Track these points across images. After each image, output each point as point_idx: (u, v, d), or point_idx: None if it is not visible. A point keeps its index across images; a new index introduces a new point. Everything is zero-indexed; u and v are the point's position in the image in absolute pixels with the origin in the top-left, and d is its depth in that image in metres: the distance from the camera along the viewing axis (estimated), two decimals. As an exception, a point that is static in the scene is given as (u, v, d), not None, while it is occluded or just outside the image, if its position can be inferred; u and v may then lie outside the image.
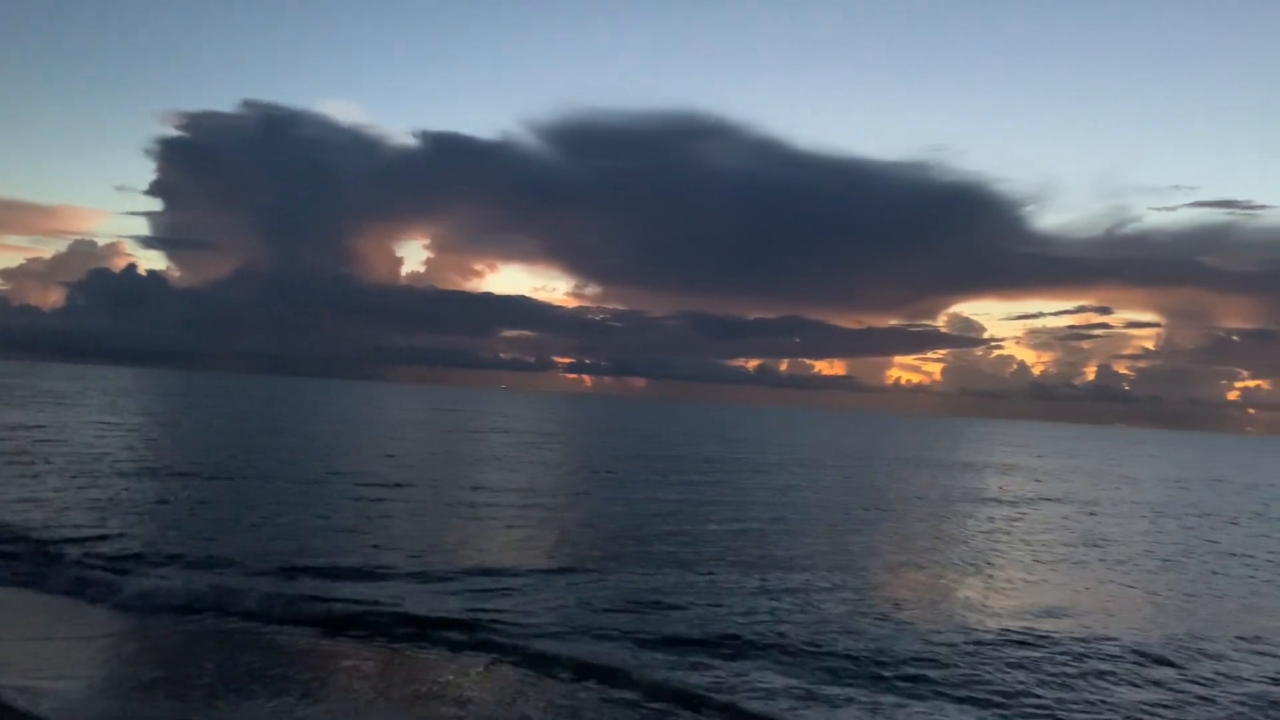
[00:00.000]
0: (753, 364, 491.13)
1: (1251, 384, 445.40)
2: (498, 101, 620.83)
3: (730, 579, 17.97)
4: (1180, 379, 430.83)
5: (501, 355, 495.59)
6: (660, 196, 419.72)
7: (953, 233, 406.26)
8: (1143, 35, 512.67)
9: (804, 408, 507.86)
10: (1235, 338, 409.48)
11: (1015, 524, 30.10)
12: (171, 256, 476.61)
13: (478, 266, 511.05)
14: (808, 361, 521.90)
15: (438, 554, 18.76)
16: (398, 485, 29.00)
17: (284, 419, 66.92)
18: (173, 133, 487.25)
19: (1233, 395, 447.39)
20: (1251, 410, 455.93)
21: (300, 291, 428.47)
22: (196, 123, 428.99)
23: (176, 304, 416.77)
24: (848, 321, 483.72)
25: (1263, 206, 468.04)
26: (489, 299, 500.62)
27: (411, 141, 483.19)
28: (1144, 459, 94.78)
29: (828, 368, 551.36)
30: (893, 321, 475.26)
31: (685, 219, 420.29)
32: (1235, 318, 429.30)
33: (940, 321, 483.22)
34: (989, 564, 21.86)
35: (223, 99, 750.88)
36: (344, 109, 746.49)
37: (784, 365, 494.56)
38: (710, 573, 18.43)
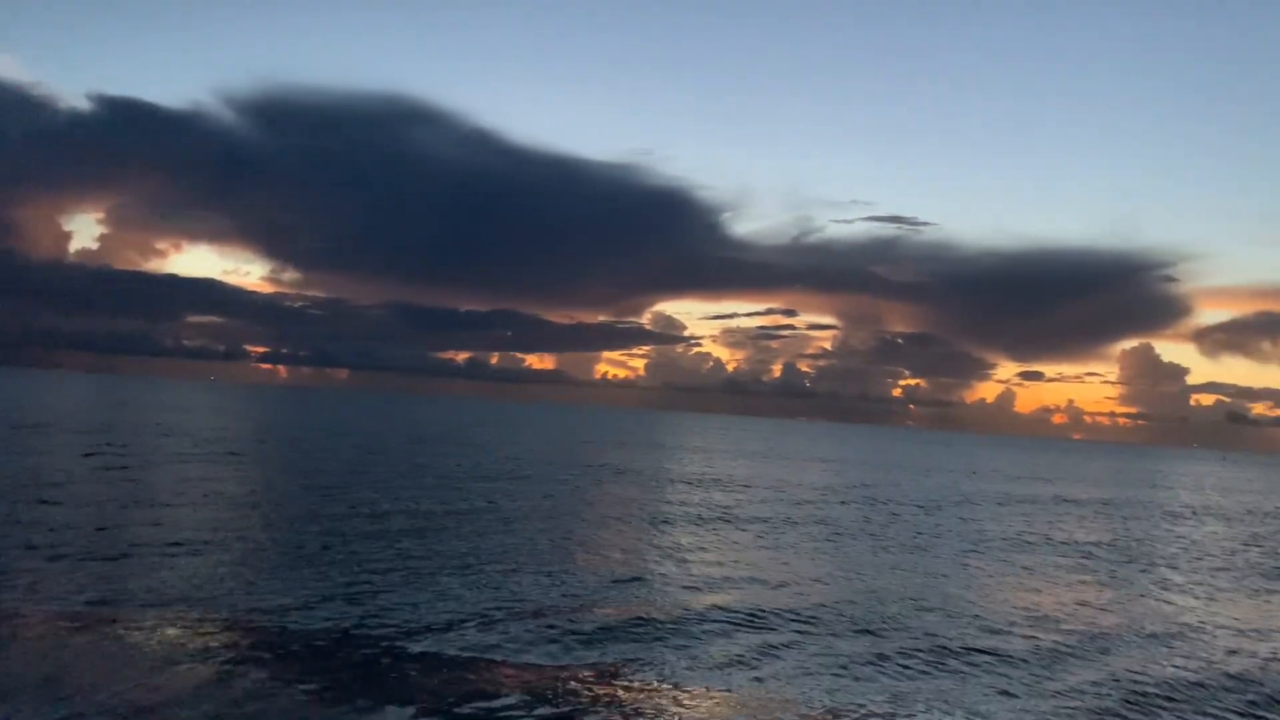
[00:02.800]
0: (463, 356, 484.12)
1: (912, 382, 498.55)
2: (188, 68, 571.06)
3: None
4: (854, 377, 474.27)
5: (186, 343, 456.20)
6: (367, 181, 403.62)
7: (658, 234, 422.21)
8: (827, 59, 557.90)
9: (515, 401, 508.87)
10: (899, 340, 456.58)
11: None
12: None
13: (160, 246, 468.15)
14: (519, 355, 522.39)
15: None
16: None
17: None
18: None
19: (897, 392, 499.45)
20: (912, 406, 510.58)
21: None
22: None
23: None
24: (559, 316, 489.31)
25: (926, 223, 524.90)
26: (173, 281, 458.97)
27: (85, 105, 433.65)
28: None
29: (539, 361, 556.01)
30: (601, 318, 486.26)
31: (394, 206, 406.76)
32: (900, 322, 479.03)
33: (645, 319, 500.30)
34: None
35: None
36: (3, 63, 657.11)
37: (495, 358, 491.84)
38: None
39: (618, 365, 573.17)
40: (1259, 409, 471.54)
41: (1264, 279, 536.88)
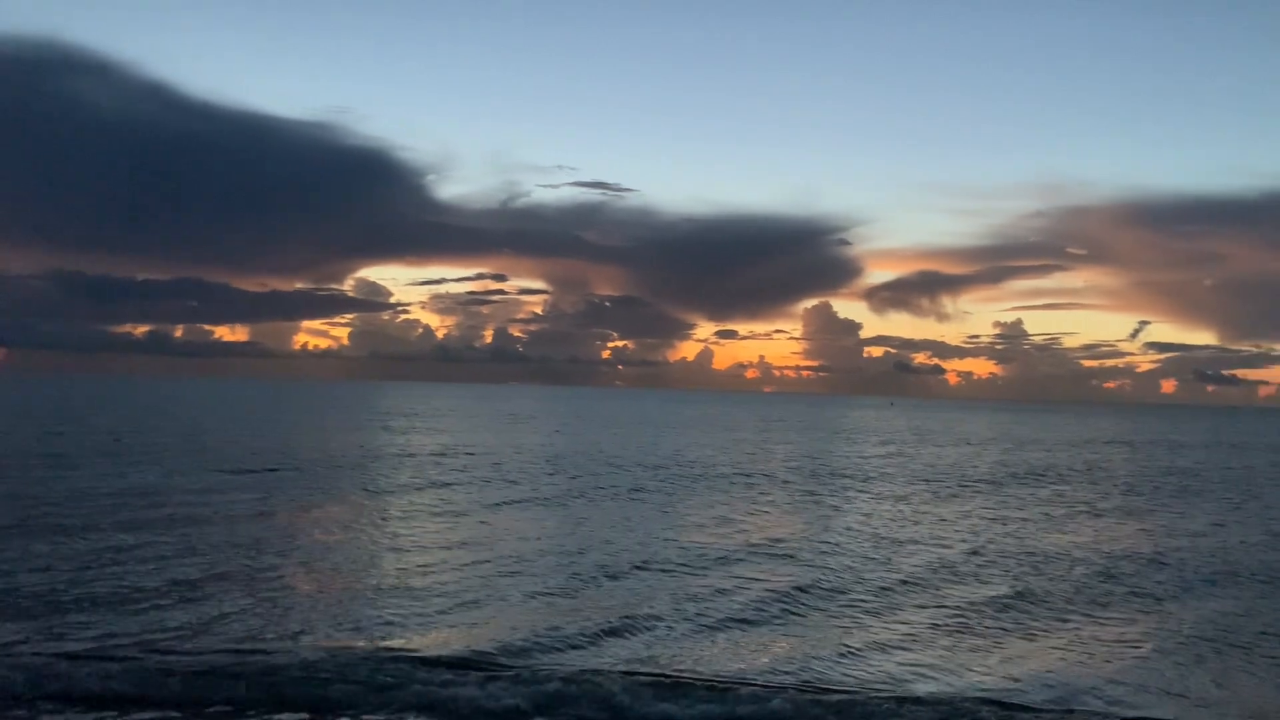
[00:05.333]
0: (142, 330, 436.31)
1: (620, 344, 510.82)
2: None
3: None
4: (565, 340, 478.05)
5: None
6: (17, 137, 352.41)
7: (357, 197, 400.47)
8: (529, 22, 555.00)
9: (205, 376, 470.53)
10: (607, 304, 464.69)
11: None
12: None
13: None
14: (207, 327, 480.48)
15: None
16: None
17: None
18: None
19: (606, 353, 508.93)
20: (620, 367, 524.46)
21: None
22: None
23: None
24: (251, 284, 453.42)
25: (629, 189, 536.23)
26: None
27: None
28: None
29: (230, 333, 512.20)
30: (299, 285, 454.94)
31: (52, 165, 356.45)
32: (607, 286, 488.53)
33: (347, 286, 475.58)
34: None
35: None
36: None
37: (179, 331, 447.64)
38: None
39: (319, 335, 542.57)
40: (920, 358, 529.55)
41: (922, 242, 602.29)
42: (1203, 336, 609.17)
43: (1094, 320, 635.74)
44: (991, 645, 14.47)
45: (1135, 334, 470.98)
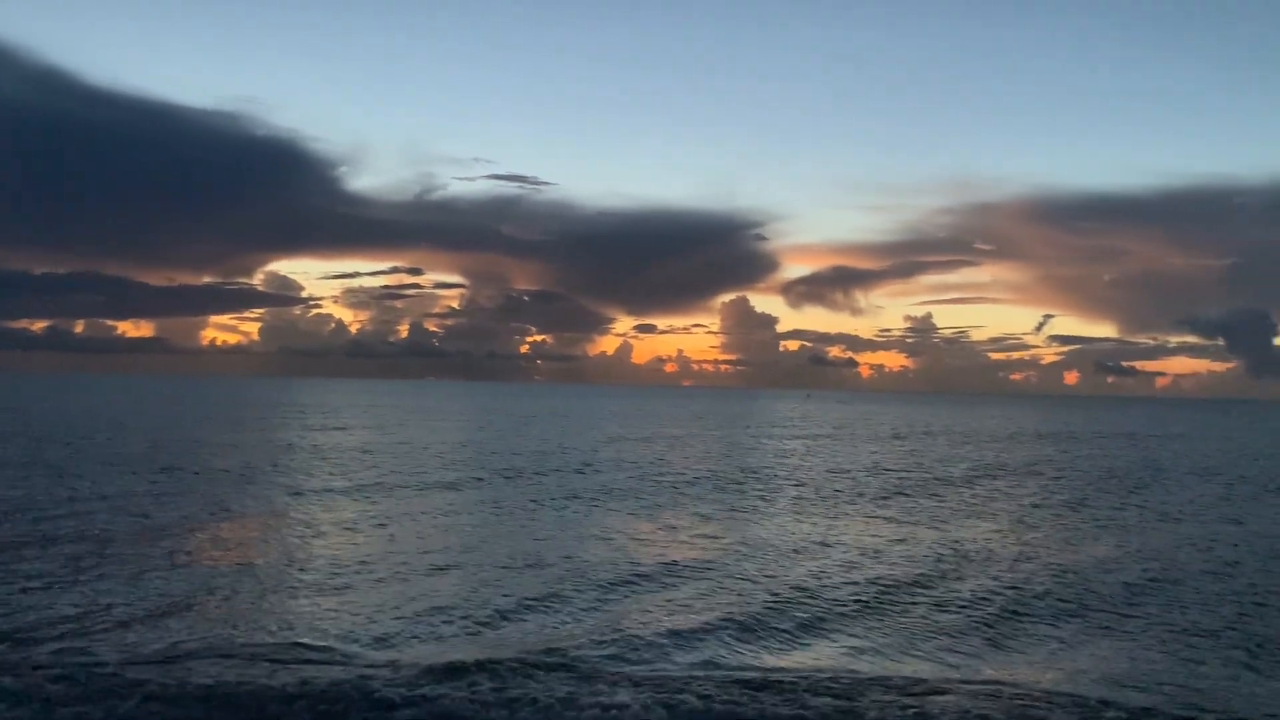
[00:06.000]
0: (40, 325, 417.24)
1: (538, 338, 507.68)
2: None
3: None
4: (482, 335, 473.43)
5: None
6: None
7: (267, 189, 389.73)
8: (445, 12, 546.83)
9: (107, 374, 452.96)
10: (526, 298, 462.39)
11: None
12: None
13: None
14: (110, 322, 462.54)
15: None
16: None
17: None
18: None
19: (524, 348, 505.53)
20: (539, 361, 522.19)
21: None
22: None
23: None
24: (156, 278, 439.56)
25: (547, 183, 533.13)
26: None
27: None
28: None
29: (134, 329, 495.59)
30: (207, 279, 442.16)
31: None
32: (525, 280, 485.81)
33: (257, 280, 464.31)
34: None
35: None
36: None
37: (80, 327, 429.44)
38: None
39: (228, 330, 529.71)
40: (834, 352, 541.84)
41: (835, 238, 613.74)
42: (1103, 329, 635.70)
43: (1000, 314, 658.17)
44: (950, 644, 14.77)
45: (1040, 327, 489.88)
